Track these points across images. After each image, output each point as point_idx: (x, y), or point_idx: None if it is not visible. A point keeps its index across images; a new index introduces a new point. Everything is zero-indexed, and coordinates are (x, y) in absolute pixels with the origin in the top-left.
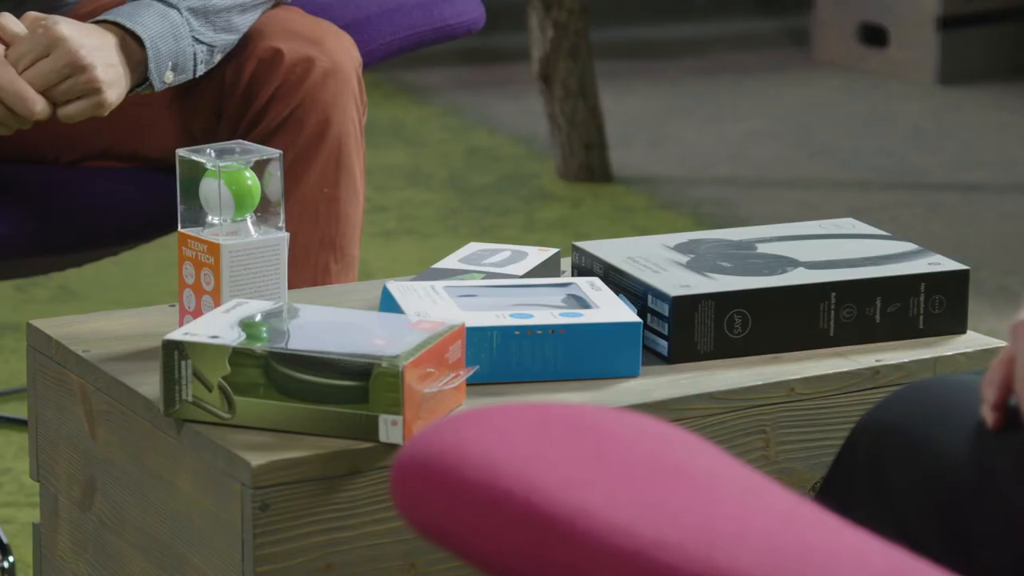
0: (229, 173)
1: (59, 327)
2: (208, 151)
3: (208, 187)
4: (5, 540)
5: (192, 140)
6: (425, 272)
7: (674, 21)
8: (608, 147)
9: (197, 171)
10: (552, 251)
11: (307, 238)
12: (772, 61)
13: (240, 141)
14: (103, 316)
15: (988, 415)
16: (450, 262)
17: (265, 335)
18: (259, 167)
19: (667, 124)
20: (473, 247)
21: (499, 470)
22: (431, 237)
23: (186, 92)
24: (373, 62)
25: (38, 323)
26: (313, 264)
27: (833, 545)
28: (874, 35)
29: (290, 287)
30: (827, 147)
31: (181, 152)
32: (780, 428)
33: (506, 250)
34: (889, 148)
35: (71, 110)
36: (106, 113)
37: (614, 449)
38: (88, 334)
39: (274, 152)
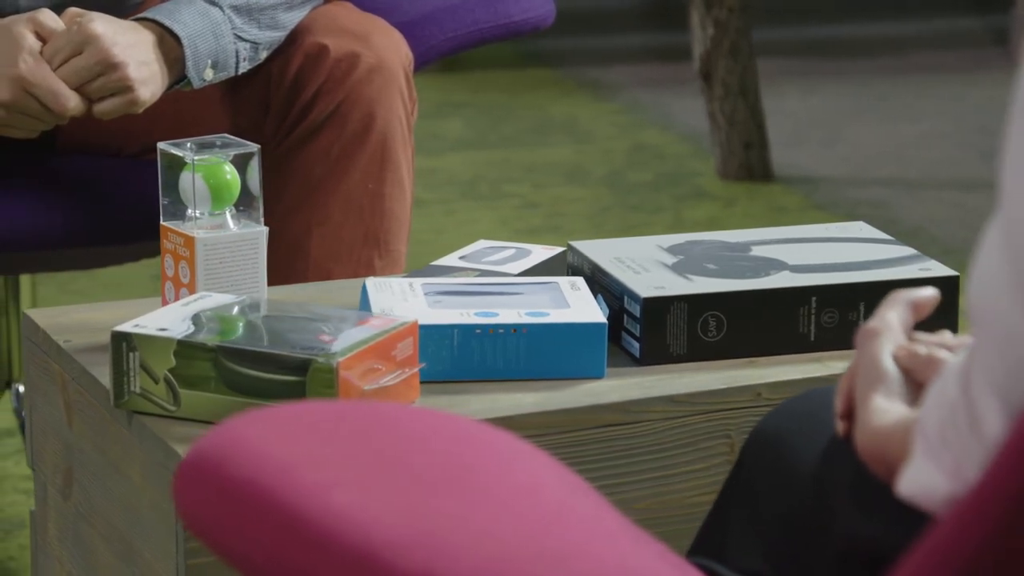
0: (207, 167)
1: (49, 317)
2: (188, 144)
3: (186, 181)
4: None
5: (240, 135)
6: (423, 269)
7: (872, 19)
8: (770, 146)
9: (178, 164)
10: (558, 250)
11: (351, 233)
12: (969, 61)
13: (224, 135)
14: (93, 307)
15: (839, 425)
16: (450, 259)
17: (219, 329)
18: (241, 161)
19: (843, 124)
20: (480, 244)
21: (263, 469)
22: (573, 234)
23: (234, 87)
24: (434, 58)
25: (31, 313)
26: (356, 259)
27: (581, 548)
28: None
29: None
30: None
31: (162, 145)
32: (745, 433)
33: (510, 248)
34: None
35: (105, 107)
36: (140, 111)
37: (398, 451)
38: (75, 324)
39: (253, 146)
